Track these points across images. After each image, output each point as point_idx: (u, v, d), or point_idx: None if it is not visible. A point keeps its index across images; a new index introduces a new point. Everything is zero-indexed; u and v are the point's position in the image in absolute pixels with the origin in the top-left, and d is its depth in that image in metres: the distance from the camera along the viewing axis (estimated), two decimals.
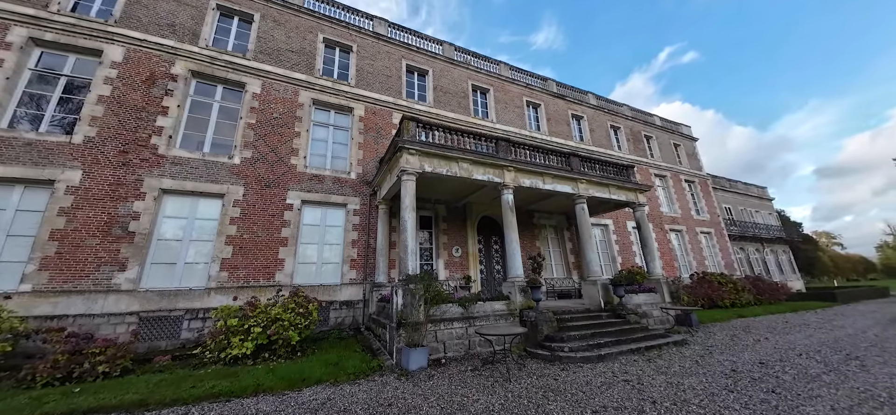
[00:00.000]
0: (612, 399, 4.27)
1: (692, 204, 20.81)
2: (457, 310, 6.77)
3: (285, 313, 6.83)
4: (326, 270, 9.87)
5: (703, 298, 13.61)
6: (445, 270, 11.11)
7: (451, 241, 11.57)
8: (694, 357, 6.29)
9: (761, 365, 5.68)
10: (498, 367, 5.74)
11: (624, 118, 20.33)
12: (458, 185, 9.35)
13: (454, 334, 6.65)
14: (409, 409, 4.08)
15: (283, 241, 9.39)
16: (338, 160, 11.15)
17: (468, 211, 12.08)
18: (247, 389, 4.80)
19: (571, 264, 13.99)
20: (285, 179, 9.98)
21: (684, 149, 22.65)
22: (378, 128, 11.94)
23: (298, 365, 5.95)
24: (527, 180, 9.12)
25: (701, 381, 4.91)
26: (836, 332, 8.48)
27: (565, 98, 17.98)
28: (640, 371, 5.44)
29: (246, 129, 9.96)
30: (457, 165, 7.96)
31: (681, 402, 4.14)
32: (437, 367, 5.84)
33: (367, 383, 5.11)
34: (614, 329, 7.49)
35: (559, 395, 4.46)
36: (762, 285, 16.40)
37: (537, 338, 6.82)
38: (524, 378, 5.19)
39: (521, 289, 7.64)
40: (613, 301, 8.71)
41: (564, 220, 14.53)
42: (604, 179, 10.51)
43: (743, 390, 4.45)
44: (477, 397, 4.43)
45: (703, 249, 19.55)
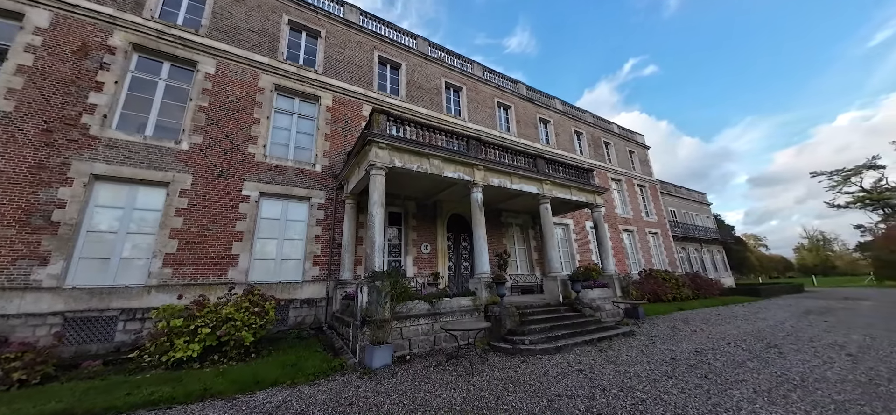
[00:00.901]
0: (567, 388, 4.55)
1: (643, 207, 22.59)
2: (423, 307, 6.79)
3: (238, 312, 6.42)
4: (287, 267, 9.40)
5: (650, 292, 14.88)
6: (414, 267, 11.07)
7: (420, 238, 11.54)
8: (640, 347, 6.87)
9: (696, 353, 6.33)
10: (462, 361, 5.85)
11: (586, 124, 21.49)
12: (429, 182, 9.34)
13: (420, 330, 6.66)
14: (370, 407, 4.03)
15: (237, 235, 8.77)
16: (302, 151, 10.61)
17: (438, 208, 12.11)
18: (192, 394, 4.45)
19: (535, 261, 14.59)
20: (241, 168, 9.32)
21: (638, 156, 24.47)
22: (347, 119, 11.54)
23: (252, 367, 5.64)
24: (496, 180, 9.33)
25: (645, 369, 5.37)
26: (759, 323, 9.68)
27: (534, 102, 18.62)
28: (592, 361, 5.83)
29: (197, 112, 9.14)
30: (428, 162, 7.93)
31: (627, 388, 4.51)
32: (402, 364, 5.82)
33: (327, 384, 4.97)
34: (571, 322, 7.96)
35: (518, 386, 4.65)
36: (699, 282, 18.30)
37: (501, 332, 7.04)
38: (486, 371, 5.34)
39: (487, 285, 7.83)
40: (571, 296, 9.23)
41: (530, 219, 15.09)
42: (566, 181, 11.05)
43: (680, 376, 4.95)
44: (440, 392, 4.49)
45: (650, 248, 21.33)
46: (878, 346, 6.42)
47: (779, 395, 4.15)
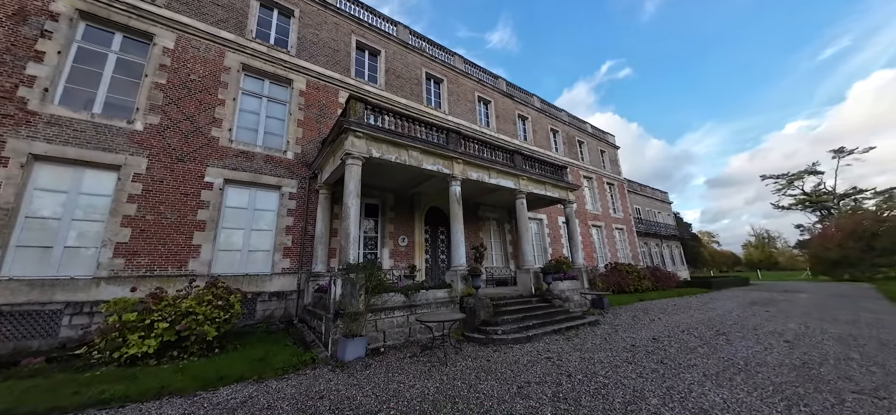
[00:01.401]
0: (536, 375, 4.72)
1: (611, 204, 23.69)
2: (399, 299, 6.75)
3: (200, 305, 6.08)
4: (255, 259, 8.98)
5: (614, 284, 15.76)
6: (390, 260, 10.95)
7: (397, 230, 11.41)
8: (603, 335, 7.26)
9: (654, 341, 6.78)
10: (436, 352, 5.89)
11: (562, 123, 22.08)
12: (408, 174, 9.22)
13: (395, 322, 6.62)
14: (342, 400, 3.97)
15: (199, 224, 8.25)
16: (272, 137, 10.09)
17: (417, 201, 12.02)
18: (148, 392, 4.17)
19: (510, 255, 14.92)
20: (204, 153, 8.73)
21: (609, 155, 25.54)
22: (321, 106, 11.08)
23: (216, 363, 5.39)
24: (474, 174, 9.38)
25: (607, 355, 5.68)
26: (710, 313, 10.51)
27: (513, 98, 18.82)
28: (560, 349, 6.09)
29: (153, 90, 8.41)
30: (407, 153, 7.81)
31: (591, 374, 4.75)
32: (376, 356, 5.77)
33: (296, 378, 4.83)
34: (541, 312, 8.25)
35: (490, 375, 4.77)
36: (659, 274, 19.56)
37: (475, 323, 7.16)
38: (460, 361, 5.41)
39: (462, 277, 7.91)
40: (543, 287, 9.55)
41: (506, 214, 15.36)
42: (542, 178, 11.33)
43: (639, 362, 5.28)
44: (413, 382, 4.50)
45: (616, 243, 22.47)
46: (812, 334, 7.18)
47: (725, 378, 4.53)
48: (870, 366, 4.80)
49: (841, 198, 41.33)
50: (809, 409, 3.51)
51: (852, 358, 5.27)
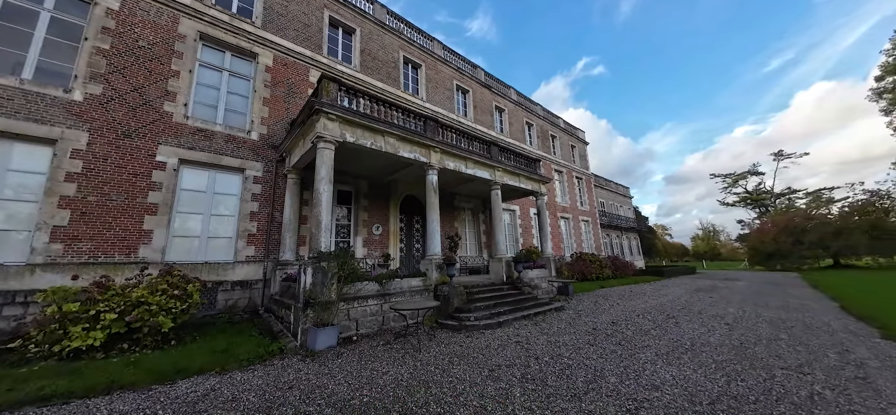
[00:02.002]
0: (506, 358, 4.91)
1: (579, 197, 24.79)
2: (373, 287, 6.66)
3: (153, 295, 5.64)
4: (216, 246, 8.43)
5: (579, 273, 16.69)
6: (364, 248, 10.74)
7: (372, 218, 11.18)
8: (568, 320, 7.69)
9: (613, 324, 7.28)
10: (410, 339, 5.93)
11: (537, 117, 22.55)
12: (384, 161, 9.00)
13: (368, 310, 6.55)
14: (313, 389, 3.89)
15: (150, 208, 7.58)
16: (234, 115, 9.38)
17: (392, 189, 11.81)
18: (95, 387, 3.84)
19: (483, 244, 15.20)
20: (155, 129, 7.96)
21: (578, 150, 26.56)
22: (290, 84, 10.45)
23: (172, 355, 5.06)
24: (451, 163, 9.36)
25: (571, 338, 6.03)
26: (662, 299, 11.43)
27: (491, 89, 18.86)
28: (528, 334, 6.37)
29: (94, 55, 7.49)
30: (383, 139, 7.61)
31: (557, 356, 5.02)
32: (348, 344, 5.69)
33: (263, 369, 4.66)
34: (512, 299, 8.55)
35: (463, 359, 4.89)
36: (618, 264, 20.96)
37: (448, 310, 7.26)
38: (433, 347, 5.49)
39: (437, 266, 7.95)
40: (513, 276, 9.87)
41: (481, 204, 15.56)
42: (516, 170, 11.56)
43: (599, 344, 5.66)
44: (387, 369, 4.50)
45: (582, 233, 23.64)
46: (748, 317, 8.04)
47: (674, 357, 4.97)
48: (796, 345, 5.47)
49: (777, 197, 46.24)
50: (745, 383, 3.95)
51: (781, 338, 5.98)
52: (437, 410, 3.35)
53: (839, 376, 4.08)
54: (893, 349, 5.02)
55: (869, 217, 26.31)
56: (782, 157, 46.60)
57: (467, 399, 3.57)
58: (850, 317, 7.72)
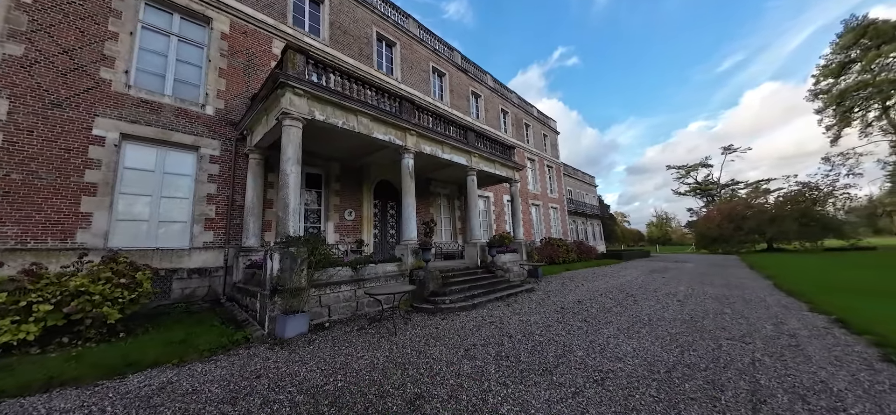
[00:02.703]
0: (481, 338, 5.00)
1: (549, 185, 25.62)
2: (346, 273, 6.46)
3: (95, 284, 5.09)
4: (169, 231, 7.73)
5: (547, 256, 17.42)
6: (336, 234, 10.37)
7: (344, 203, 10.77)
8: (538, 300, 8.01)
9: (579, 303, 7.68)
10: (385, 323, 5.85)
11: (512, 105, 22.74)
12: (356, 142, 8.62)
13: (342, 296, 6.35)
14: (282, 377, 3.71)
15: (88, 188, 6.76)
16: (186, 87, 8.49)
17: (365, 173, 11.41)
18: (31, 384, 3.41)
19: (458, 230, 15.29)
20: (91, 99, 7.04)
21: (550, 139, 27.28)
22: (250, 54, 9.61)
23: (121, 348, 4.64)
24: (428, 147, 9.18)
25: (542, 317, 6.27)
26: (621, 279, 12.21)
27: (468, 73, 18.63)
28: (501, 314, 6.56)
29: (13, 10, 6.39)
30: (355, 119, 7.25)
31: (528, 334, 5.20)
32: (321, 331, 5.50)
33: (227, 359, 4.38)
34: (486, 283, 8.73)
35: (439, 340, 4.91)
36: (583, 248, 22.12)
37: (424, 294, 7.25)
38: (409, 330, 5.46)
39: (413, 251, 7.87)
40: (487, 260, 10.06)
41: (456, 190, 15.56)
42: (492, 156, 11.62)
43: (567, 322, 5.94)
44: (361, 354, 4.41)
45: (551, 220, 24.57)
46: (696, 294, 8.80)
47: (634, 331, 5.32)
48: (738, 319, 6.06)
49: (722, 187, 50.79)
50: (696, 353, 4.31)
51: (726, 312, 6.60)
52: (413, 390, 3.32)
53: (776, 344, 4.58)
54: (819, 320, 5.72)
55: (799, 206, 29.68)
56: (730, 151, 51.11)
57: (444, 378, 3.59)
58: (781, 293, 8.70)
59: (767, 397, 3.09)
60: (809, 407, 2.88)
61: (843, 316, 5.72)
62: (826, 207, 29.56)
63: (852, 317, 5.61)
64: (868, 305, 6.62)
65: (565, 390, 3.29)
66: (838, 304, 6.82)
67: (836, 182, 30.56)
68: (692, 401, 3.06)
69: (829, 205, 29.74)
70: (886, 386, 3.18)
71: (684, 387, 3.35)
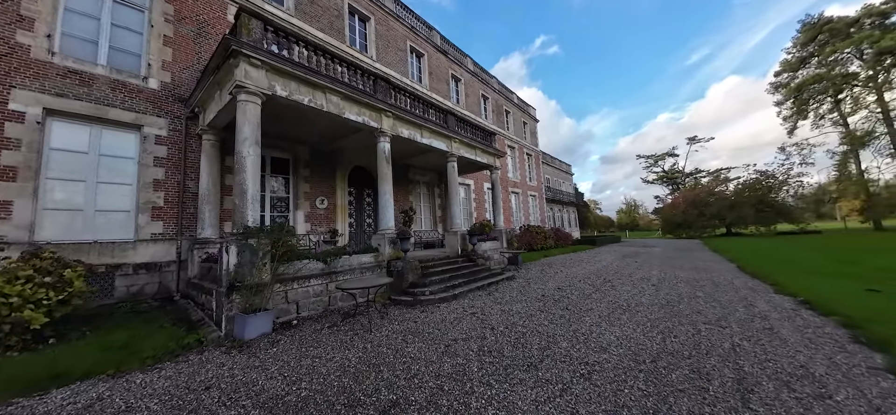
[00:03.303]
0: (462, 332, 4.74)
1: (528, 173, 25.74)
2: (316, 266, 5.94)
3: (13, 284, 4.34)
4: (109, 222, 6.82)
5: (526, 244, 17.57)
6: (306, 224, 9.68)
7: (315, 190, 10.05)
8: (519, 288, 7.91)
9: (559, 290, 7.65)
10: (360, 319, 5.45)
11: (493, 91, 22.34)
12: (327, 124, 7.94)
13: (312, 291, 5.85)
14: (237, 387, 3.25)
15: (6, 172, 5.78)
16: (124, 56, 7.40)
17: (339, 158, 10.69)
18: None
19: (438, 218, 14.94)
20: (6, 67, 5.95)
21: (530, 128, 27.28)
22: (201, 22, 8.53)
23: (49, 356, 4.00)
24: (405, 131, 8.65)
25: (524, 306, 6.13)
26: (597, 265, 12.44)
27: (447, 55, 17.93)
28: (483, 304, 6.36)
29: None
30: (324, 97, 6.59)
31: (511, 325, 5.00)
32: (287, 330, 5.01)
33: (174, 366, 3.84)
34: (466, 272, 8.50)
35: (418, 336, 4.59)
36: (560, 235, 22.57)
37: (402, 286, 6.89)
38: (386, 326, 5.11)
39: (390, 240, 7.44)
40: (468, 248, 9.82)
41: (436, 177, 15.11)
42: (473, 142, 11.26)
43: (549, 310, 5.82)
44: (332, 355, 4.01)
45: (530, 207, 24.80)
46: (669, 279, 9.02)
47: (615, 318, 5.26)
48: (711, 302, 6.18)
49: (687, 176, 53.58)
50: (678, 339, 4.26)
51: (698, 296, 6.74)
52: (388, 396, 2.98)
53: (751, 327, 4.64)
54: (786, 302, 5.93)
55: (756, 193, 31.82)
56: (695, 141, 53.81)
57: (423, 380, 3.27)
58: (746, 276, 9.11)
59: (754, 385, 3.02)
60: (795, 395, 2.82)
61: (807, 298, 5.96)
62: (780, 194, 31.88)
63: (816, 298, 5.86)
64: (826, 286, 7.00)
65: (552, 388, 3.07)
66: (800, 285, 7.17)
67: (790, 171, 32.98)
68: (681, 393, 2.94)
69: (783, 192, 32.10)
70: (863, 369, 3.21)
71: (671, 377, 3.23)
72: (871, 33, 26.57)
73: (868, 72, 27.43)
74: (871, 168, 29.96)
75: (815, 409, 2.62)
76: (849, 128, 29.98)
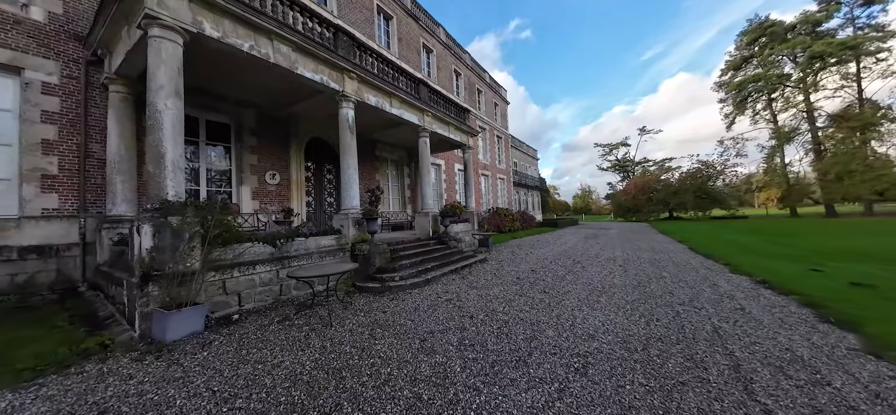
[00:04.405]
0: (439, 322, 4.24)
1: (497, 156, 25.60)
2: (263, 250, 5.01)
3: None
4: None
5: (495, 226, 17.59)
6: (254, 201, 8.42)
7: (264, 163, 8.74)
8: (493, 271, 7.65)
9: (533, 272, 7.50)
10: (318, 311, 4.70)
11: (465, 66, 21.42)
12: (278, 82, 6.73)
13: (257, 280, 4.93)
14: (145, 409, 2.44)
15: None
16: None
17: (293, 126, 9.37)
18: None
19: (408, 199, 14.14)
20: None
21: (500, 109, 26.95)
22: None
23: None
24: (373, 98, 7.69)
25: (501, 290, 5.81)
26: (563, 246, 12.64)
27: (418, 21, 16.58)
28: (458, 288, 5.97)
29: None
30: (270, 45, 5.43)
31: (491, 312, 4.62)
32: (226, 327, 4.12)
33: (63, 380, 2.88)
34: (439, 255, 8.00)
35: (388, 329, 4.01)
36: (525, 217, 23.00)
37: (369, 271, 6.20)
38: (350, 318, 4.43)
39: (355, 221, 6.63)
40: (440, 230, 9.29)
41: (405, 155, 14.17)
42: (447, 117, 10.53)
43: (527, 294, 5.56)
44: (281, 358, 3.27)
45: (498, 190, 24.83)
46: (632, 259, 9.27)
47: (594, 301, 5.10)
48: (678, 282, 6.28)
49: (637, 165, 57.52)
50: (661, 323, 4.13)
51: (664, 276, 6.88)
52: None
53: (723, 308, 4.67)
54: (744, 282, 6.17)
55: (696, 182, 34.95)
56: (645, 132, 57.70)
57: (396, 388, 2.69)
58: (700, 256, 9.64)
59: (751, 373, 2.86)
60: (794, 382, 2.69)
61: (763, 278, 6.28)
62: (716, 183, 35.35)
63: (770, 278, 6.19)
64: (773, 266, 7.51)
65: (549, 388, 2.67)
66: (752, 265, 7.66)
67: (727, 162, 36.56)
68: (683, 386, 2.68)
69: (719, 181, 35.60)
70: (844, 351, 3.21)
71: (667, 367, 3.00)
72: (805, 39, 29.68)
73: (800, 73, 30.77)
74: (794, 162, 34.18)
75: (820, 397, 2.48)
76: (777, 124, 33.69)
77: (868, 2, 28.94)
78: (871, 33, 27.71)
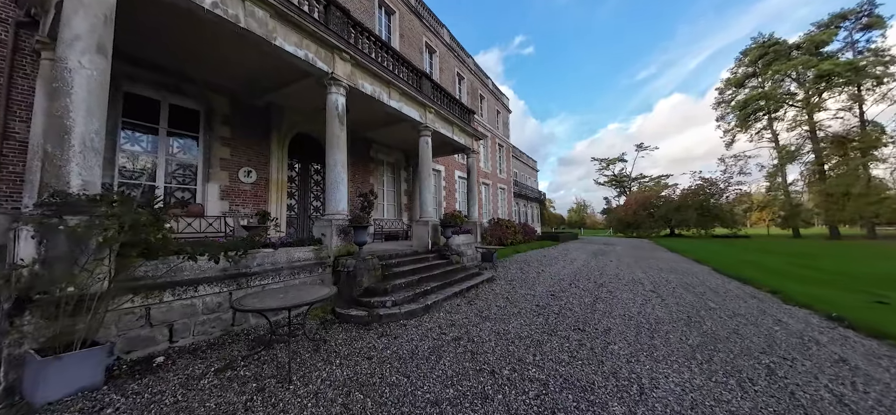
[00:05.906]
0: (446, 380, 3.03)
1: (499, 165, 24.65)
2: (208, 266, 3.75)
3: None
4: None
5: (497, 238, 16.50)
6: (223, 202, 7.17)
7: (238, 157, 7.52)
8: (504, 295, 6.51)
9: (553, 297, 6.39)
10: (279, 350, 3.46)
11: (469, 71, 20.51)
12: (254, 60, 5.61)
13: (200, 305, 3.69)
14: None
15: None
16: None
17: (277, 118, 8.20)
18: None
19: (404, 206, 12.95)
20: None
21: (502, 117, 26.12)
22: None
23: None
24: (368, 85, 6.58)
25: (522, 325, 4.65)
26: (574, 264, 11.57)
27: (422, 18, 15.61)
28: (466, 320, 4.82)
29: None
30: (241, 6, 4.31)
31: (518, 362, 3.45)
32: (140, 377, 2.86)
33: None
34: (440, 272, 6.85)
35: (371, 394, 2.76)
36: (527, 230, 21.99)
37: (354, 292, 4.98)
38: (319, 368, 3.19)
39: (340, 229, 5.44)
40: (440, 242, 8.14)
41: (403, 158, 13.03)
42: (450, 116, 9.47)
43: (557, 332, 4.40)
44: None
45: (499, 200, 23.79)
46: (660, 282, 8.20)
47: (649, 346, 3.97)
48: (734, 317, 5.16)
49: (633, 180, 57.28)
50: (758, 388, 3.02)
51: (712, 307, 5.79)
52: None
53: (820, 360, 3.58)
54: (812, 318, 5.14)
55: (698, 199, 34.40)
56: (642, 148, 57.63)
57: None
58: (732, 279, 8.59)
59: None
60: None
61: (829, 311, 5.24)
62: (719, 201, 34.87)
63: (833, 309, 5.23)
64: (823, 295, 6.45)
65: None
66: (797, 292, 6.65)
67: (730, 179, 36.17)
68: None
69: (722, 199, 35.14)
70: None
71: None
72: (811, 59, 29.68)
73: (806, 92, 30.69)
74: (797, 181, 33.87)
75: None
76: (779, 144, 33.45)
77: (867, 26, 29.15)
78: (872, 57, 27.78)
